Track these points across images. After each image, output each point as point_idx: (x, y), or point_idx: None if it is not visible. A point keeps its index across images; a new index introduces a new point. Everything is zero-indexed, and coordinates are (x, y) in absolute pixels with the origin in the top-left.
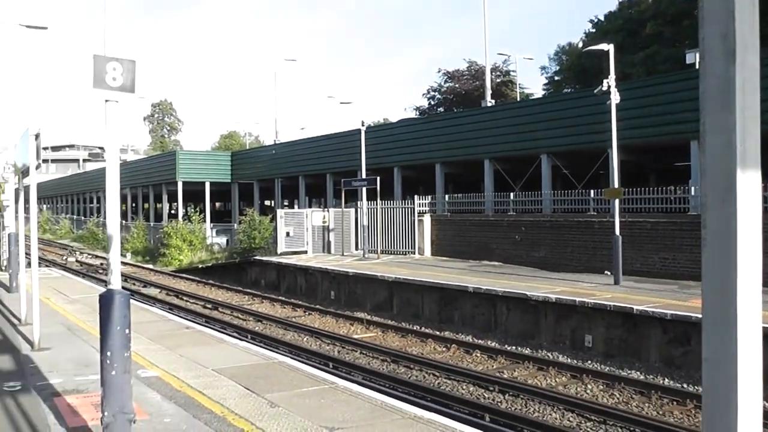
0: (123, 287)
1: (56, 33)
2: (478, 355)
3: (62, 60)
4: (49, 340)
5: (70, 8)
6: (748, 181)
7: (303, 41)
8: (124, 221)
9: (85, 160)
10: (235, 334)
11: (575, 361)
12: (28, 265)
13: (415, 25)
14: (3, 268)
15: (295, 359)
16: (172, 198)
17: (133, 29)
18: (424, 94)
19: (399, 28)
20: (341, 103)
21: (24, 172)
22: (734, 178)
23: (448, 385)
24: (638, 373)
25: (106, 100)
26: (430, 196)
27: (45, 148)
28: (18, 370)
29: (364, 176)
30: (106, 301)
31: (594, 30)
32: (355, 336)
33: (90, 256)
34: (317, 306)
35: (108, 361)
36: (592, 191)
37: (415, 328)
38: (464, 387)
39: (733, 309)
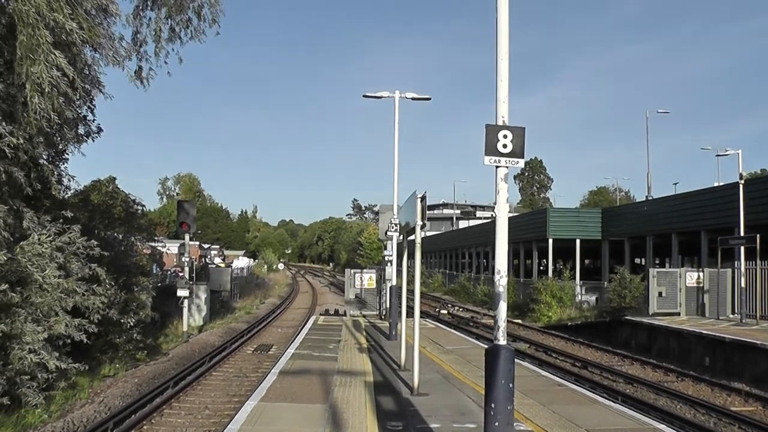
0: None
1: (436, 103)
2: None
3: (439, 127)
4: (426, 387)
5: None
6: None
7: (674, 91)
8: None
9: (457, 218)
10: (604, 395)
11: None
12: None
13: None
14: (382, 316)
15: (669, 427)
16: (542, 254)
17: (517, 96)
18: None
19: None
20: (717, 155)
21: (408, 231)
22: None
23: None
24: None
25: (497, 166)
26: None
27: None
28: (399, 411)
29: (742, 233)
30: (492, 356)
31: None
32: (733, 408)
33: (461, 309)
34: (690, 372)
35: (492, 413)
36: None
37: None
38: None
39: None
